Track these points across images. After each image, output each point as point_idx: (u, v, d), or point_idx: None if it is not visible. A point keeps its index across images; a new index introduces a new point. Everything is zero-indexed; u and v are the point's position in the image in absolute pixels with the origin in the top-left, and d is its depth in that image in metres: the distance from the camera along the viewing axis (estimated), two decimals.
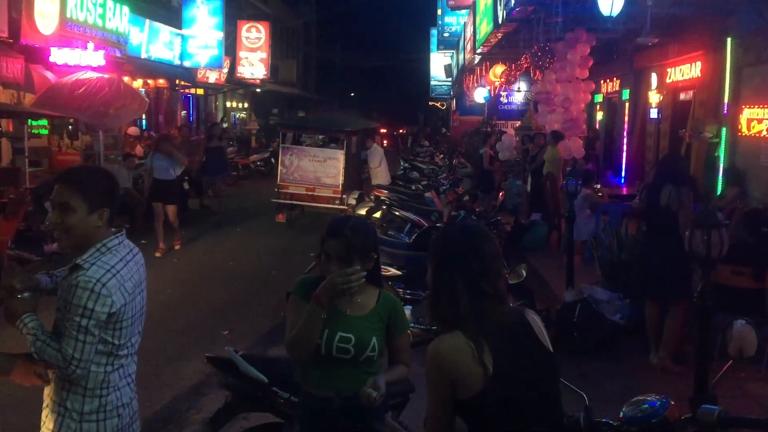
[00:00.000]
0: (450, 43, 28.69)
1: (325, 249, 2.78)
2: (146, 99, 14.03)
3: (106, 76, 12.81)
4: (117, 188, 2.75)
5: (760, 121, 9.40)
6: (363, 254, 2.77)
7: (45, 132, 14.12)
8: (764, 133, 9.32)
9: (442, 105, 46.49)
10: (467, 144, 22.88)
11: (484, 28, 13.32)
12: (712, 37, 10.64)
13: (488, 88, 20.42)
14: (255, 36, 25.84)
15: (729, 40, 10.14)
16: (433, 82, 40.00)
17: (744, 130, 9.79)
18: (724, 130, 10.20)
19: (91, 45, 13.27)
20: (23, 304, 2.58)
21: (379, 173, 13.81)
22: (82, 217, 2.53)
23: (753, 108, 9.63)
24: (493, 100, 23.18)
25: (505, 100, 23.75)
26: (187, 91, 23.37)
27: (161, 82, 19.44)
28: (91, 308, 2.45)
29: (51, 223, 2.60)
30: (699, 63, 11.33)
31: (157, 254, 10.10)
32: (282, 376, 3.38)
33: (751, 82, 9.86)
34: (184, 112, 23.79)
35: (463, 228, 2.31)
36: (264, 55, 26.02)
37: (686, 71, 11.89)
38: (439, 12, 29.52)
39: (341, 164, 13.06)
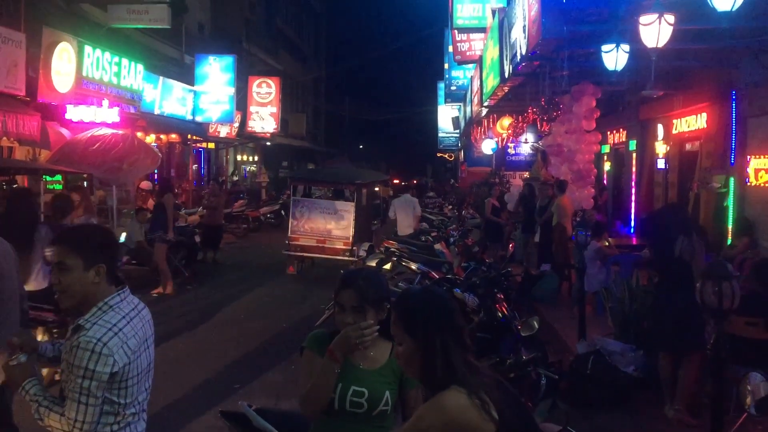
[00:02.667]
0: (457, 96, 29.09)
1: (338, 300, 2.80)
2: (159, 154, 14.24)
3: (120, 132, 13.07)
4: (114, 243, 2.77)
5: (767, 171, 9.45)
6: (376, 304, 2.79)
7: (59, 187, 14.31)
8: None
9: (450, 156, 46.84)
10: (476, 195, 23.00)
11: (491, 81, 13.54)
12: (717, 89, 10.78)
13: (496, 139, 20.64)
14: (266, 91, 26.32)
15: (734, 91, 10.28)
16: (440, 134, 40.42)
17: (752, 180, 9.84)
18: (731, 180, 10.25)
19: (106, 102, 13.57)
20: (21, 370, 2.58)
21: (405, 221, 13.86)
22: (79, 275, 2.54)
23: (760, 158, 9.70)
24: (501, 152, 23.39)
25: (513, 152, 23.96)
26: (198, 145, 23.71)
27: (174, 136, 19.76)
28: (92, 369, 2.42)
29: (52, 283, 2.64)
30: (704, 114, 11.46)
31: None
32: (296, 431, 3.38)
33: (757, 133, 9.96)
34: (195, 166, 24.08)
35: (433, 293, 2.45)
36: (274, 109, 26.44)
37: (692, 122, 12.02)
38: (446, 66, 30.05)
39: (351, 216, 13.15)
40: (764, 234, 9.44)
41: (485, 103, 15.38)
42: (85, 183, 12.90)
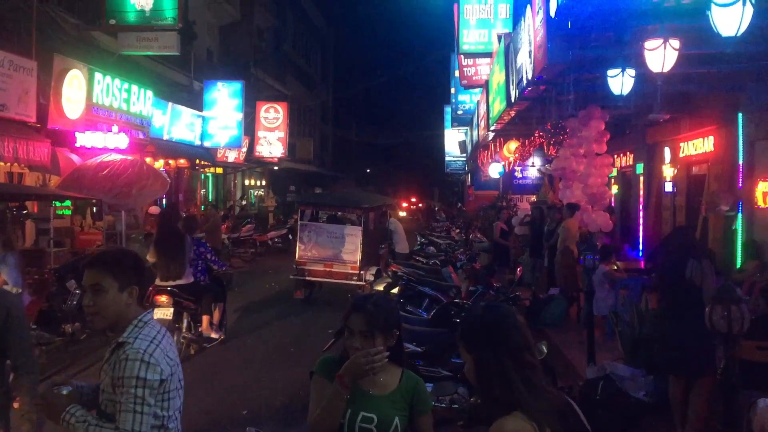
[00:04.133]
0: (464, 120, 29.24)
1: (348, 324, 2.80)
2: (168, 179, 14.33)
3: (129, 157, 13.17)
4: (144, 266, 2.88)
5: None
6: (386, 330, 2.79)
7: (68, 212, 14.42)
8: None
9: (458, 180, 46.94)
10: (483, 218, 22.99)
11: (498, 106, 13.62)
12: (723, 112, 10.81)
13: (502, 163, 20.66)
14: (273, 116, 26.51)
15: (740, 115, 10.30)
16: (447, 158, 40.55)
17: (760, 203, 9.82)
18: (740, 203, 10.23)
19: (115, 128, 13.70)
20: (64, 398, 2.65)
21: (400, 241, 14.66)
22: (114, 296, 2.66)
23: (767, 181, 9.69)
24: (508, 175, 23.41)
25: (520, 175, 23.96)
26: (206, 170, 23.85)
27: (182, 162, 19.89)
28: (144, 377, 2.54)
29: (85, 306, 2.71)
30: (711, 138, 11.47)
31: None
32: None
33: (765, 156, 9.96)
34: (203, 191, 24.20)
35: (492, 309, 2.40)
36: (282, 134, 26.62)
37: (699, 146, 12.03)
38: (453, 90, 30.24)
39: (359, 240, 13.16)
40: None
41: (492, 127, 15.45)
42: (95, 209, 12.92)
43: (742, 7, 5.54)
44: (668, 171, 13.68)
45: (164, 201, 17.94)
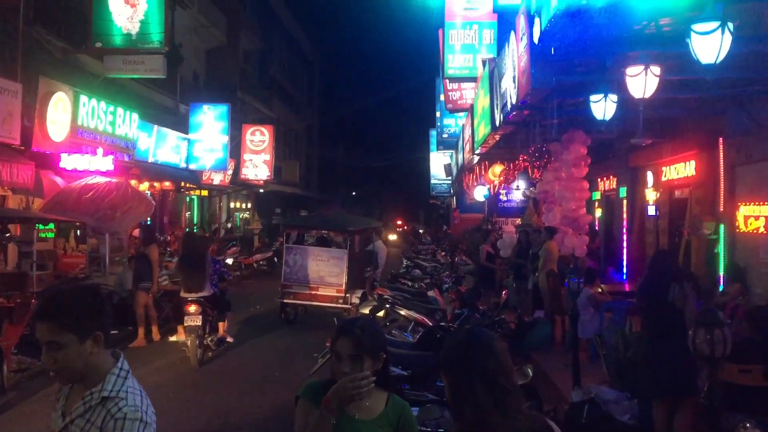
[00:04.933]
0: (449, 144, 29.42)
1: (335, 349, 2.79)
2: (152, 201, 14.29)
3: (113, 180, 13.13)
4: (104, 303, 2.49)
5: (756, 218, 9.55)
6: (373, 353, 2.78)
7: (51, 235, 14.31)
8: (762, 229, 9.45)
9: (443, 203, 47.11)
10: (468, 241, 23.05)
11: (482, 130, 13.73)
12: (704, 137, 10.96)
13: (488, 186, 20.79)
14: (259, 139, 26.55)
15: (721, 140, 10.45)
16: (433, 181, 40.73)
17: (741, 226, 9.93)
18: (722, 227, 10.34)
19: (100, 150, 13.67)
20: None
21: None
22: (75, 350, 2.32)
23: (749, 205, 9.81)
24: (493, 198, 23.55)
25: (505, 198, 24.13)
26: (192, 192, 23.79)
27: (167, 184, 19.84)
28: None
29: (44, 363, 2.40)
30: (693, 162, 11.61)
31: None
32: None
33: (745, 180, 10.09)
34: (188, 214, 24.11)
35: (469, 333, 2.40)
36: (268, 157, 26.65)
37: (681, 170, 12.17)
38: (438, 114, 30.48)
39: (345, 263, 13.15)
40: (755, 280, 9.49)
41: (477, 151, 15.55)
42: (78, 232, 12.83)
43: (721, 35, 5.66)
44: (651, 195, 13.83)
45: (149, 223, 17.84)
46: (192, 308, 9.67)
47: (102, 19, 14.70)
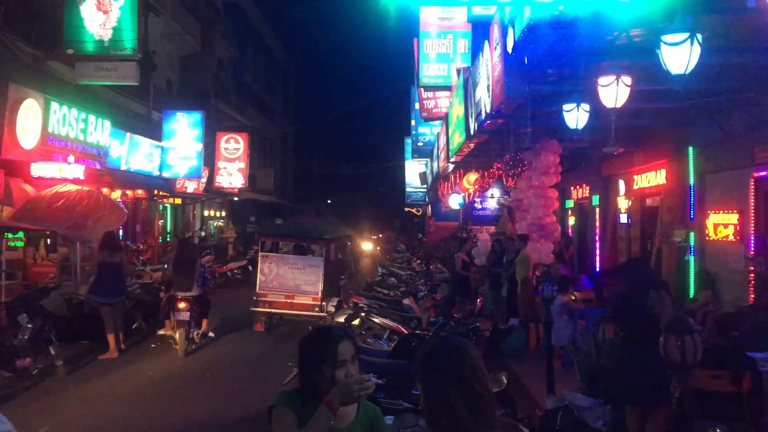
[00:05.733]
0: (424, 152, 29.52)
1: (337, 355, 2.77)
2: (125, 210, 14.12)
3: (85, 188, 12.95)
4: None
5: (726, 225, 9.72)
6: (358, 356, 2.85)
7: (21, 244, 14.07)
8: (731, 237, 9.61)
9: (418, 211, 47.19)
10: (444, 249, 23.11)
11: (457, 138, 13.81)
12: (675, 146, 11.14)
13: (462, 194, 20.91)
14: (234, 147, 26.40)
15: (690, 149, 10.63)
16: (408, 189, 40.79)
17: (711, 234, 10.09)
18: (692, 234, 10.50)
19: (71, 158, 13.48)
20: None
21: None
22: None
23: (718, 213, 9.97)
24: (468, 206, 23.67)
25: (480, 206, 24.28)
26: (165, 201, 23.56)
27: (140, 192, 19.62)
28: None
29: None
30: (663, 171, 11.79)
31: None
32: None
33: (715, 189, 10.26)
34: (161, 222, 23.88)
35: (443, 340, 2.43)
36: (242, 165, 26.50)
37: (652, 178, 12.35)
38: (413, 122, 30.57)
39: (320, 271, 13.11)
40: (725, 287, 9.64)
41: (452, 159, 15.64)
42: (48, 240, 12.60)
43: (690, 46, 5.76)
44: (623, 203, 14.00)
45: (121, 232, 17.63)
46: (182, 305, 10.97)
47: (73, 26, 14.51)
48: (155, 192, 20.56)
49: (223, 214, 32.63)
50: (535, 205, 12.78)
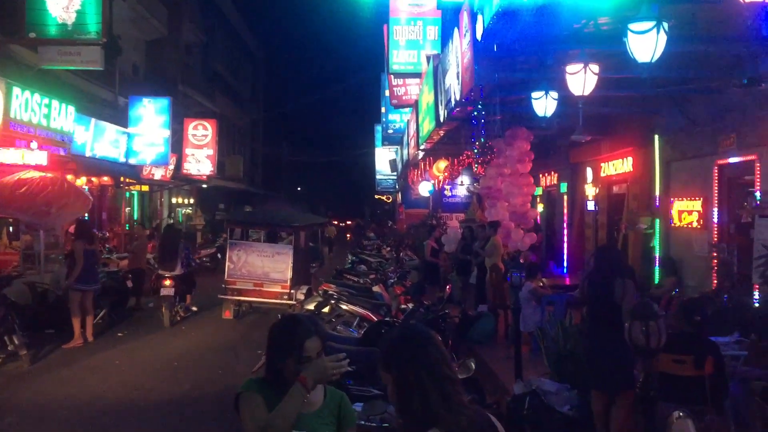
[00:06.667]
0: (394, 140, 29.49)
1: (303, 352, 2.76)
2: (90, 197, 13.87)
3: (49, 175, 12.70)
4: None
5: (690, 212, 9.88)
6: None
7: None
8: (695, 224, 9.78)
9: (388, 198, 47.22)
10: (413, 236, 23.17)
11: (427, 125, 13.82)
12: (641, 134, 11.28)
13: (432, 182, 20.96)
14: (202, 133, 26.07)
15: (656, 137, 10.77)
16: (378, 176, 40.76)
17: (676, 221, 10.26)
18: (657, 221, 10.66)
19: (34, 144, 13.20)
20: None
21: None
22: None
23: (683, 200, 10.14)
24: (438, 194, 23.75)
25: (449, 194, 24.37)
26: (132, 188, 23.23)
27: (106, 179, 19.31)
28: None
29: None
30: (630, 158, 11.93)
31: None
32: None
33: (680, 176, 10.43)
34: (128, 209, 23.55)
35: (406, 328, 2.52)
36: (211, 151, 26.20)
37: (618, 166, 12.50)
38: (383, 110, 30.49)
39: (290, 259, 13.05)
40: (689, 273, 9.82)
41: (422, 147, 15.65)
42: (11, 228, 12.39)
43: (656, 35, 5.82)
44: (590, 190, 14.16)
45: (86, 219, 17.35)
46: (167, 282, 12.42)
47: (36, 8, 14.15)
48: (121, 179, 20.24)
49: (192, 201, 32.28)
50: (514, 193, 12.84)
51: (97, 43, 14.49)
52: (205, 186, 30.29)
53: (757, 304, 7.89)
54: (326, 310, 10.39)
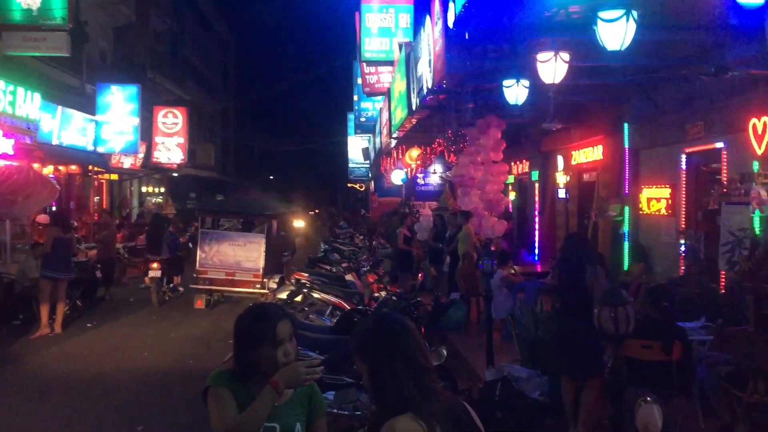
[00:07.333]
0: (367, 128, 29.39)
1: (276, 334, 2.73)
2: (57, 186, 13.63)
3: (14, 163, 12.46)
4: None
5: (658, 200, 10.01)
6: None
7: None
8: (663, 211, 9.91)
9: (361, 187, 47.12)
10: (386, 225, 23.16)
11: (399, 113, 13.79)
12: (611, 122, 11.37)
13: (405, 170, 20.93)
14: (172, 121, 25.74)
15: (626, 125, 10.87)
16: (351, 165, 40.61)
17: (644, 208, 10.38)
18: (626, 209, 10.78)
19: None
20: None
21: None
22: None
23: (651, 188, 10.26)
24: (411, 182, 23.74)
25: (422, 182, 24.38)
26: (100, 177, 22.89)
27: (73, 168, 19.01)
28: None
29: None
30: (600, 146, 12.04)
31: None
32: None
33: (648, 164, 10.55)
34: (97, 198, 23.20)
35: (381, 317, 2.48)
36: (181, 140, 25.88)
37: (589, 154, 12.60)
38: (356, 98, 30.36)
39: (262, 248, 12.97)
40: (657, 260, 9.96)
41: (394, 135, 15.62)
42: None
43: (625, 23, 5.86)
44: (561, 178, 14.27)
45: (54, 209, 17.08)
46: (154, 265, 13.30)
47: None
48: (90, 168, 19.95)
49: (162, 190, 31.91)
50: (489, 181, 12.88)
51: (63, 29, 14.22)
52: (175, 175, 29.97)
53: (723, 290, 8.04)
54: (299, 298, 10.35)
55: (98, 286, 13.56)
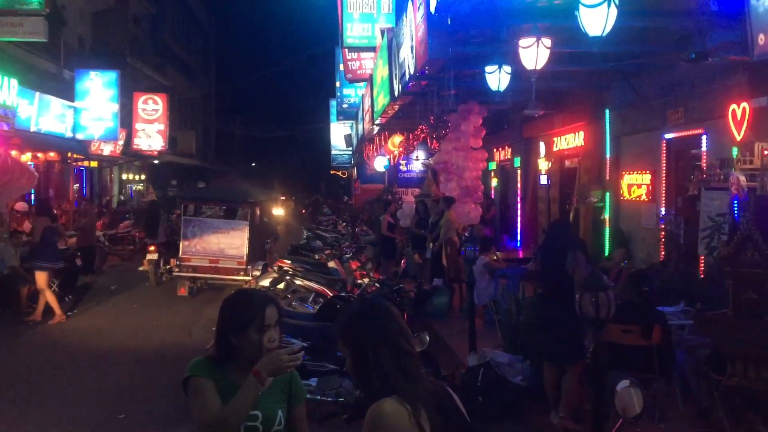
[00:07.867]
0: (349, 114, 29.28)
1: (264, 321, 2.70)
2: (35, 173, 13.44)
3: None
4: None
5: (639, 186, 10.07)
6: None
7: None
8: (643, 197, 9.99)
9: (344, 174, 47.04)
10: (369, 212, 23.16)
11: (382, 100, 13.75)
12: (592, 108, 11.42)
13: (388, 157, 20.91)
14: (152, 108, 25.46)
15: (607, 111, 10.91)
16: (333, 152, 40.50)
17: (625, 194, 10.45)
18: (607, 195, 10.85)
19: None
20: None
21: None
22: None
23: (632, 174, 10.33)
24: (393, 169, 23.74)
25: (405, 168, 24.39)
26: (80, 164, 22.63)
27: (52, 155, 18.74)
28: None
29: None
30: (582, 133, 12.09)
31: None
32: None
33: (629, 150, 10.61)
34: (76, 186, 22.96)
35: (366, 302, 2.54)
36: (162, 126, 25.62)
37: (571, 140, 12.65)
38: (338, 84, 30.19)
39: (246, 235, 12.92)
40: (638, 245, 10.04)
41: (376, 121, 15.58)
42: None
43: (607, 9, 5.86)
44: (543, 164, 14.32)
45: (33, 197, 16.87)
46: (151, 248, 14.25)
47: None
48: (69, 155, 19.70)
49: (143, 177, 31.64)
50: (468, 168, 12.89)
51: (40, 13, 13.96)
52: (156, 162, 29.71)
53: (702, 275, 8.13)
54: (282, 286, 10.34)
55: (78, 274, 13.45)
